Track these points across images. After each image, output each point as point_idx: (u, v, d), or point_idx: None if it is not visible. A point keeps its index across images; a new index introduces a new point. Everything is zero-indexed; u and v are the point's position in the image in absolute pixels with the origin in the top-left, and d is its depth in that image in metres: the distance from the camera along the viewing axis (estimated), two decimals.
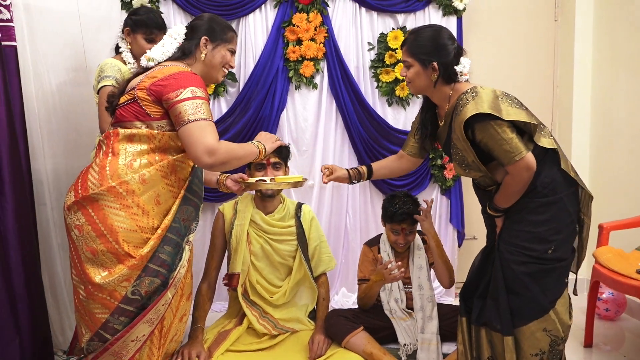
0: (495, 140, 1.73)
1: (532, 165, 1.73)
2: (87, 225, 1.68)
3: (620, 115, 3.11)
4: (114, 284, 1.68)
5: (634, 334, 2.79)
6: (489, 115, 1.71)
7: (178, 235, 1.80)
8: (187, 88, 1.70)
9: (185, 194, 1.84)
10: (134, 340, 1.72)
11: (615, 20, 3.13)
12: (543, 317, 1.82)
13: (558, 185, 1.80)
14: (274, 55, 3.05)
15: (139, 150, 1.74)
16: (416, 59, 1.86)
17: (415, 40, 1.87)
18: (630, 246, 2.67)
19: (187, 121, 1.67)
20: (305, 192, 3.18)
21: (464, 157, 1.85)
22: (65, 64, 2.52)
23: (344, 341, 2.20)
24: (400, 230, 2.35)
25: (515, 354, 1.83)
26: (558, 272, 1.84)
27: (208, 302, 2.34)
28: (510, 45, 3.45)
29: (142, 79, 1.78)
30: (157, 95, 1.72)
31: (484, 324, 1.90)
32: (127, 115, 1.76)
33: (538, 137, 1.78)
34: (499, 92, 1.79)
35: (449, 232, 3.33)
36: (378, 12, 3.14)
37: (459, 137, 1.80)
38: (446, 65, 1.83)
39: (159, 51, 1.86)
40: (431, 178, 3.28)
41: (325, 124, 3.17)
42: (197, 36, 1.87)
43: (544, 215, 1.80)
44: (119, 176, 1.69)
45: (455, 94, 1.85)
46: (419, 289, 2.35)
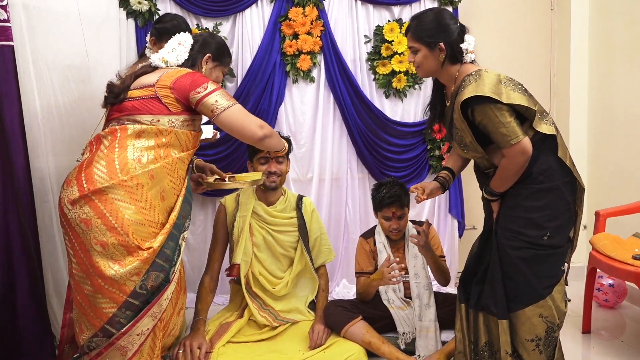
0: (493, 122, 1.76)
1: (527, 149, 1.76)
2: (97, 218, 1.71)
3: (616, 102, 3.12)
4: (125, 277, 1.72)
5: (634, 321, 2.82)
6: (489, 98, 1.74)
7: (178, 231, 1.87)
8: (209, 82, 1.88)
9: (185, 192, 1.92)
10: (139, 334, 1.76)
11: (611, 9, 3.14)
12: (539, 302, 1.84)
13: (554, 172, 1.82)
14: (271, 49, 3.07)
15: (146, 145, 1.81)
16: (422, 42, 1.89)
17: (419, 24, 1.90)
18: (626, 232, 2.69)
19: (227, 106, 1.85)
20: (304, 185, 3.21)
21: (462, 137, 1.89)
22: (66, 62, 2.54)
23: (342, 330, 2.24)
24: (391, 215, 2.39)
25: (509, 336, 1.86)
26: (554, 259, 1.87)
27: (210, 294, 2.37)
28: (507, 35, 3.46)
29: (159, 77, 1.87)
30: (182, 91, 1.84)
31: (482, 309, 1.93)
32: (141, 108, 1.84)
33: (537, 123, 1.80)
34: (503, 77, 1.81)
35: (449, 222, 3.36)
36: (374, 5, 3.16)
37: (458, 117, 1.84)
38: (452, 44, 1.87)
39: (173, 55, 1.97)
40: (429, 169, 3.30)
41: (323, 117, 3.19)
42: (203, 51, 2.03)
43: (539, 201, 1.82)
44: (129, 171, 1.75)
45: (461, 75, 1.88)
46: (415, 277, 2.38)
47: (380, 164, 3.23)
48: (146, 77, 1.89)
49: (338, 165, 3.25)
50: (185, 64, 1.98)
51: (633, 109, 2.99)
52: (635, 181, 2.98)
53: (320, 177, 3.23)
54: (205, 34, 2.13)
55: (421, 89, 3.24)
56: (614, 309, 2.95)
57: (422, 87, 3.23)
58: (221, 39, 2.16)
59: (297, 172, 3.21)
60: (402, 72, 3.14)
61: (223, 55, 2.10)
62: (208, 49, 2.04)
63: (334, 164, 3.24)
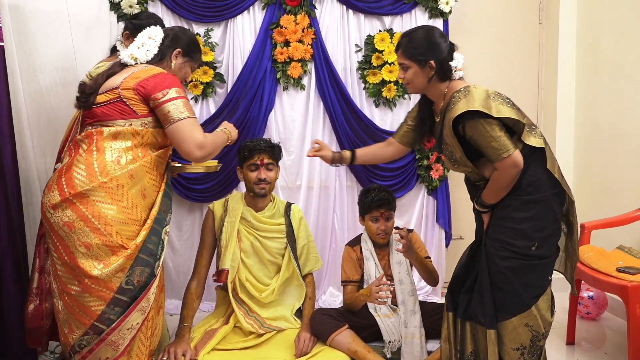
0: (484, 137, 1.78)
1: (519, 162, 1.78)
2: (80, 221, 1.72)
3: (603, 116, 3.17)
4: (110, 275, 1.75)
5: (615, 332, 2.84)
6: (479, 112, 1.76)
7: (160, 225, 1.89)
8: (172, 88, 1.83)
9: (165, 187, 1.93)
10: (129, 328, 1.79)
11: (598, 23, 3.19)
12: (525, 312, 1.86)
13: (543, 184, 1.84)
14: (262, 56, 3.07)
15: (123, 147, 1.81)
16: (413, 60, 1.92)
17: (410, 42, 1.93)
18: (611, 245, 2.72)
19: (177, 119, 1.81)
20: (293, 192, 3.21)
21: (452, 152, 1.91)
22: (54, 64, 2.53)
23: (328, 339, 2.23)
24: (380, 216, 2.41)
25: (497, 347, 1.87)
26: (541, 269, 1.89)
27: (197, 301, 2.36)
28: (496, 48, 3.50)
29: (124, 79, 1.85)
30: (144, 95, 1.82)
31: (470, 318, 1.94)
32: (110, 113, 1.83)
33: (526, 136, 1.83)
34: (491, 92, 1.84)
35: (436, 232, 3.37)
36: (365, 15, 3.18)
37: (448, 133, 1.85)
38: (442, 62, 1.89)
39: (142, 51, 1.94)
40: (417, 179, 3.32)
41: (313, 124, 3.20)
42: (172, 45, 2.01)
43: (528, 212, 1.84)
44: (108, 172, 1.76)
45: (450, 91, 1.90)
46: (399, 284, 2.39)
47: (368, 172, 3.23)
48: (113, 79, 1.88)
49: (327, 173, 3.25)
50: (155, 59, 1.96)
51: (619, 123, 3.04)
52: (621, 194, 3.02)
53: (309, 184, 3.23)
54: (176, 29, 2.10)
55: (411, 98, 3.26)
56: (595, 321, 2.98)
57: (412, 97, 3.25)
58: (193, 34, 2.13)
59: (286, 179, 3.21)
60: (392, 81, 3.16)
61: (194, 51, 2.07)
62: (179, 43, 2.01)
63: (323, 172, 3.24)
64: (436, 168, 3.25)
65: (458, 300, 2.00)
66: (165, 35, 2.01)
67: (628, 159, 2.96)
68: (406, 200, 3.34)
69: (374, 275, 2.41)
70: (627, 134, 2.98)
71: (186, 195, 3.11)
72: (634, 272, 2.34)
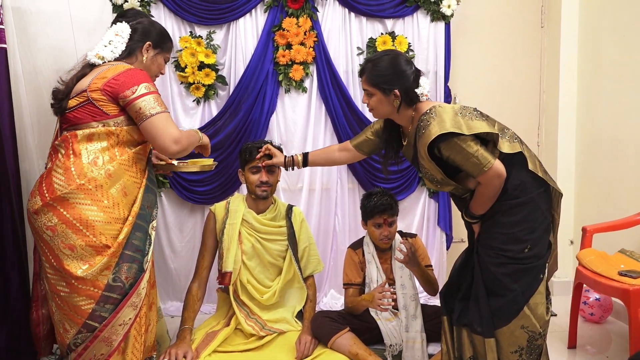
0: (462, 155, 1.77)
1: (501, 172, 1.78)
2: (61, 224, 1.74)
3: (604, 119, 3.17)
4: (95, 274, 1.76)
5: (619, 336, 2.83)
6: (452, 133, 1.75)
7: (145, 221, 1.90)
8: (140, 84, 1.81)
9: (147, 182, 1.93)
10: (122, 324, 1.81)
11: (600, 27, 3.19)
12: (519, 315, 1.86)
13: (528, 186, 1.84)
14: (264, 59, 3.08)
15: (99, 147, 1.82)
16: (377, 88, 1.89)
17: (374, 69, 1.89)
18: (613, 248, 2.71)
19: (149, 115, 1.79)
20: (294, 195, 3.21)
21: (433, 175, 1.90)
22: (56, 66, 2.52)
23: (329, 342, 2.23)
24: (383, 221, 2.40)
25: (496, 353, 1.87)
26: (537, 270, 1.89)
27: (198, 302, 2.36)
28: (498, 51, 3.51)
29: (91, 80, 1.84)
30: (112, 94, 1.81)
31: (465, 325, 1.93)
32: (82, 117, 1.82)
33: (500, 143, 1.82)
34: (458, 108, 1.83)
35: (437, 235, 3.37)
36: (367, 17, 3.18)
37: (425, 158, 1.84)
38: (407, 90, 1.87)
39: (108, 49, 1.92)
40: (419, 181, 3.32)
41: (315, 127, 3.20)
42: (142, 39, 1.98)
43: (517, 216, 1.84)
44: (85, 174, 1.77)
45: (417, 114, 1.88)
46: (401, 288, 2.39)
47: (370, 175, 3.23)
48: (81, 82, 1.87)
49: (328, 176, 3.25)
50: (123, 55, 1.93)
51: (621, 126, 3.04)
52: (622, 197, 3.02)
53: (310, 187, 3.23)
54: (144, 22, 2.03)
55: None
56: (599, 324, 2.97)
57: None
58: (160, 25, 2.09)
59: (287, 182, 3.21)
60: None
61: (163, 41, 2.04)
62: (148, 37, 1.98)
63: (324, 174, 3.24)
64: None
65: (453, 305, 2.00)
66: (133, 30, 1.97)
67: (630, 163, 2.96)
68: (407, 203, 3.34)
69: (375, 278, 2.41)
70: (629, 138, 2.97)
71: (187, 197, 3.11)
72: (636, 275, 2.34)
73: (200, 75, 3.03)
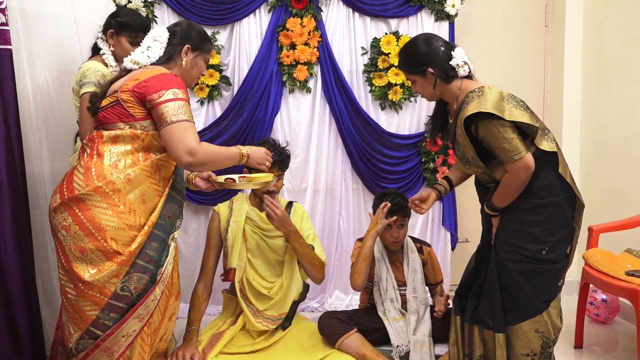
0: (496, 138, 1.77)
1: (530, 165, 1.78)
2: (75, 225, 1.72)
3: (609, 119, 3.16)
4: (103, 280, 1.72)
5: (627, 337, 2.82)
6: (491, 114, 1.75)
7: (164, 231, 1.85)
8: (169, 90, 1.76)
9: (170, 192, 1.89)
10: (125, 335, 1.76)
11: (604, 26, 3.18)
12: (536, 317, 1.85)
13: (555, 188, 1.84)
14: (268, 59, 3.07)
15: (123, 150, 1.79)
16: (414, 72, 1.94)
17: (405, 58, 1.97)
18: (619, 248, 2.71)
19: (170, 122, 1.74)
20: (299, 195, 3.20)
21: (464, 152, 1.90)
22: (62, 67, 2.53)
23: (337, 343, 2.23)
24: (393, 223, 2.39)
25: (505, 350, 1.86)
26: (552, 274, 1.88)
27: (204, 303, 2.35)
28: (502, 51, 3.49)
29: (124, 82, 1.83)
30: (140, 97, 1.78)
31: (477, 322, 1.93)
32: (110, 117, 1.81)
33: (539, 140, 1.83)
34: (506, 94, 1.83)
35: (442, 235, 3.36)
36: (371, 17, 3.17)
37: (461, 133, 1.85)
38: (441, 65, 1.88)
39: (145, 55, 1.90)
40: (424, 181, 3.31)
41: (319, 127, 3.19)
42: (181, 43, 1.94)
43: (539, 216, 1.84)
44: (105, 176, 1.74)
45: (463, 92, 1.89)
46: (413, 292, 2.38)
47: (375, 175, 3.23)
48: (115, 83, 1.86)
49: (333, 176, 3.24)
50: (161, 60, 1.91)
51: (625, 126, 3.03)
52: (629, 197, 3.01)
53: (315, 187, 3.22)
54: (183, 24, 2.00)
55: (417, 101, 3.25)
56: (605, 325, 2.96)
57: (418, 99, 3.25)
58: (199, 26, 2.04)
59: (292, 182, 3.20)
60: (398, 84, 3.15)
61: (203, 42, 1.99)
62: (187, 39, 1.94)
63: (329, 175, 3.24)
64: (442, 171, 3.24)
65: (466, 304, 1.99)
66: (172, 34, 1.94)
67: (635, 162, 2.95)
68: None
69: (385, 278, 2.40)
70: (634, 137, 2.97)
71: (191, 199, 3.11)
72: None
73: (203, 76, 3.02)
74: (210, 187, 2.20)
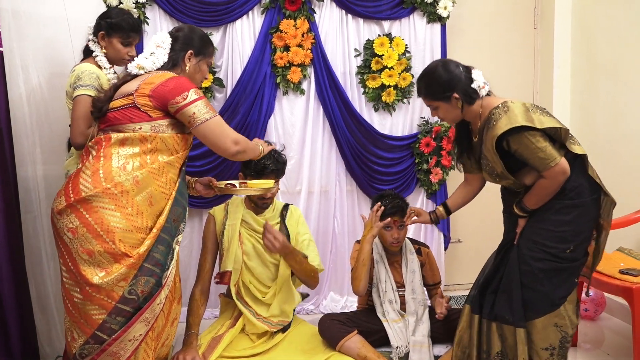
0: (530, 149, 1.82)
1: (566, 169, 1.84)
2: (82, 227, 1.70)
3: (599, 120, 3.21)
4: (112, 283, 1.71)
5: (615, 332, 2.87)
6: (524, 126, 1.80)
7: (169, 235, 1.86)
8: (190, 90, 1.82)
9: (176, 195, 1.89)
10: (132, 339, 1.75)
11: (593, 27, 3.23)
12: (554, 311, 1.91)
13: (584, 189, 1.91)
14: (261, 61, 3.06)
15: (131, 153, 1.79)
16: (438, 99, 1.99)
17: (428, 87, 2.01)
18: (610, 247, 2.74)
19: (205, 119, 1.83)
20: (293, 197, 3.20)
21: (493, 168, 1.96)
22: (55, 69, 2.49)
23: (338, 345, 2.23)
24: (393, 224, 2.40)
25: (526, 345, 1.90)
26: (570, 271, 1.94)
27: (202, 307, 2.33)
28: (493, 52, 3.53)
29: (139, 85, 1.83)
30: (160, 100, 1.80)
31: (495, 318, 1.97)
32: (122, 118, 1.81)
33: (570, 144, 1.89)
34: (529, 105, 1.88)
35: (435, 235, 3.38)
36: (364, 19, 3.18)
37: (490, 150, 1.90)
38: (464, 90, 1.94)
39: (150, 60, 1.92)
40: (417, 182, 3.33)
41: (313, 129, 3.19)
42: (184, 48, 1.97)
43: (568, 216, 1.90)
44: (113, 178, 1.73)
45: (486, 109, 1.95)
46: (412, 293, 2.39)
47: (368, 176, 3.24)
48: (127, 86, 1.87)
49: (327, 178, 3.24)
50: (165, 66, 1.94)
51: (615, 126, 3.08)
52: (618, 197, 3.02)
53: (309, 189, 3.22)
54: (184, 29, 2.04)
55: (409, 103, 3.27)
56: (594, 321, 3.01)
57: (411, 101, 3.27)
58: (201, 30, 2.08)
59: (286, 184, 3.19)
60: (392, 86, 3.17)
61: (205, 47, 2.04)
62: (190, 45, 1.98)
63: (323, 177, 3.24)
64: (435, 172, 3.27)
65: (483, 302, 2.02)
66: (174, 39, 1.97)
67: (626, 162, 3.00)
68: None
69: (384, 279, 2.41)
70: (624, 138, 3.02)
71: None
72: (637, 273, 2.37)
73: None
74: (210, 192, 2.20)
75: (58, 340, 2.46)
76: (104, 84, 2.18)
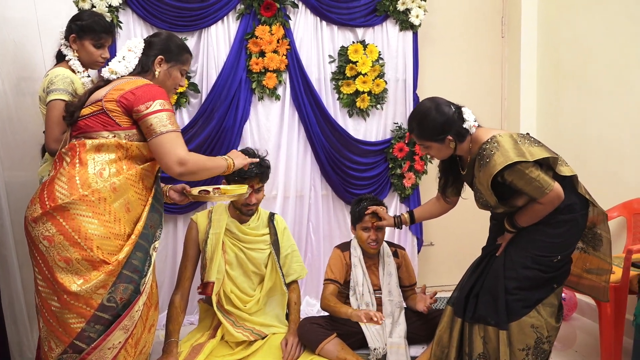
0: (525, 180, 1.88)
1: (561, 194, 1.91)
2: (59, 235, 1.67)
3: (565, 125, 3.32)
4: (90, 291, 1.68)
5: (585, 332, 2.97)
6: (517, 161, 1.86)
7: (147, 241, 1.84)
8: (156, 100, 1.78)
9: (152, 201, 1.88)
10: (111, 347, 1.72)
11: (558, 36, 3.35)
12: (530, 313, 1.97)
13: (575, 206, 1.98)
14: (236, 66, 3.06)
15: (107, 159, 1.77)
16: (432, 140, 2.01)
17: (422, 129, 2.02)
18: None
19: (159, 133, 1.76)
20: (269, 202, 3.20)
21: (486, 200, 2.01)
22: (23, 74, 2.43)
23: (317, 348, 2.24)
24: (371, 225, 2.44)
25: (508, 347, 1.96)
26: (552, 277, 2.01)
27: (181, 314, 2.31)
28: (462, 60, 3.62)
29: (108, 91, 1.82)
30: (126, 107, 1.78)
31: (478, 321, 2.02)
32: (93, 125, 1.79)
33: (559, 168, 1.95)
34: (516, 136, 1.94)
35: (408, 239, 3.44)
36: (338, 26, 3.22)
37: (484, 185, 1.95)
38: (457, 131, 1.99)
39: (122, 65, 1.91)
40: (391, 187, 3.38)
41: (288, 134, 3.21)
42: (154, 54, 1.96)
43: (559, 229, 1.97)
44: (90, 185, 1.71)
45: (475, 144, 2.00)
46: (388, 295, 2.43)
47: (343, 181, 3.27)
48: (98, 92, 1.85)
49: (302, 183, 3.26)
50: (136, 70, 1.93)
51: (580, 131, 3.19)
52: None
53: (285, 194, 3.23)
54: (160, 35, 2.02)
55: (383, 108, 3.32)
56: (565, 321, 3.10)
57: (384, 107, 3.32)
58: (171, 33, 2.05)
59: None
60: (366, 92, 3.22)
61: (179, 54, 2.00)
62: (156, 50, 1.95)
63: (298, 182, 3.26)
64: (409, 177, 3.32)
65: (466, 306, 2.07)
66: (147, 45, 1.96)
67: (590, 167, 3.11)
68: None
69: (362, 282, 2.44)
70: (589, 143, 3.13)
71: None
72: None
73: None
74: (184, 199, 2.18)
75: (29, 350, 2.40)
76: (78, 88, 2.15)
